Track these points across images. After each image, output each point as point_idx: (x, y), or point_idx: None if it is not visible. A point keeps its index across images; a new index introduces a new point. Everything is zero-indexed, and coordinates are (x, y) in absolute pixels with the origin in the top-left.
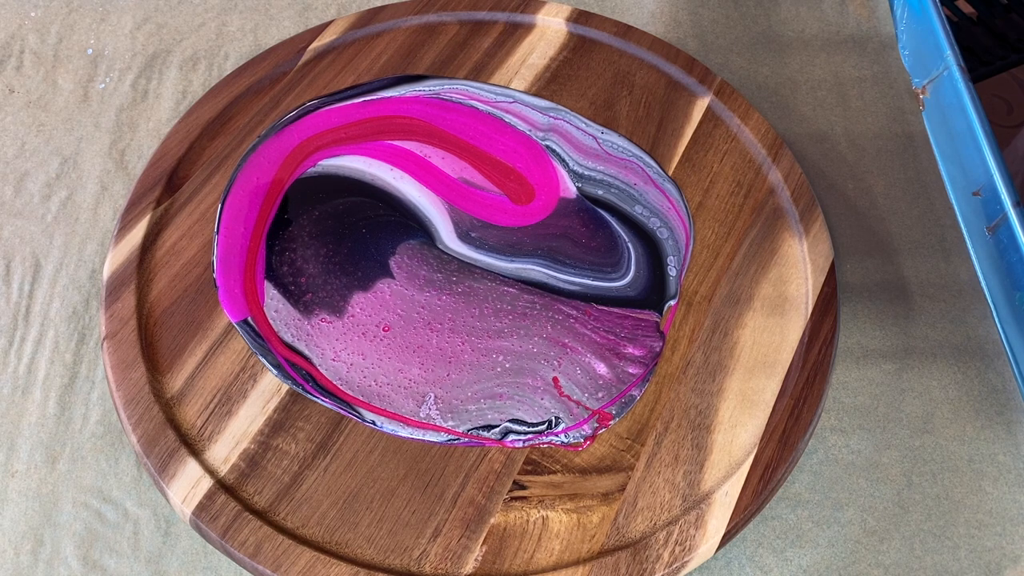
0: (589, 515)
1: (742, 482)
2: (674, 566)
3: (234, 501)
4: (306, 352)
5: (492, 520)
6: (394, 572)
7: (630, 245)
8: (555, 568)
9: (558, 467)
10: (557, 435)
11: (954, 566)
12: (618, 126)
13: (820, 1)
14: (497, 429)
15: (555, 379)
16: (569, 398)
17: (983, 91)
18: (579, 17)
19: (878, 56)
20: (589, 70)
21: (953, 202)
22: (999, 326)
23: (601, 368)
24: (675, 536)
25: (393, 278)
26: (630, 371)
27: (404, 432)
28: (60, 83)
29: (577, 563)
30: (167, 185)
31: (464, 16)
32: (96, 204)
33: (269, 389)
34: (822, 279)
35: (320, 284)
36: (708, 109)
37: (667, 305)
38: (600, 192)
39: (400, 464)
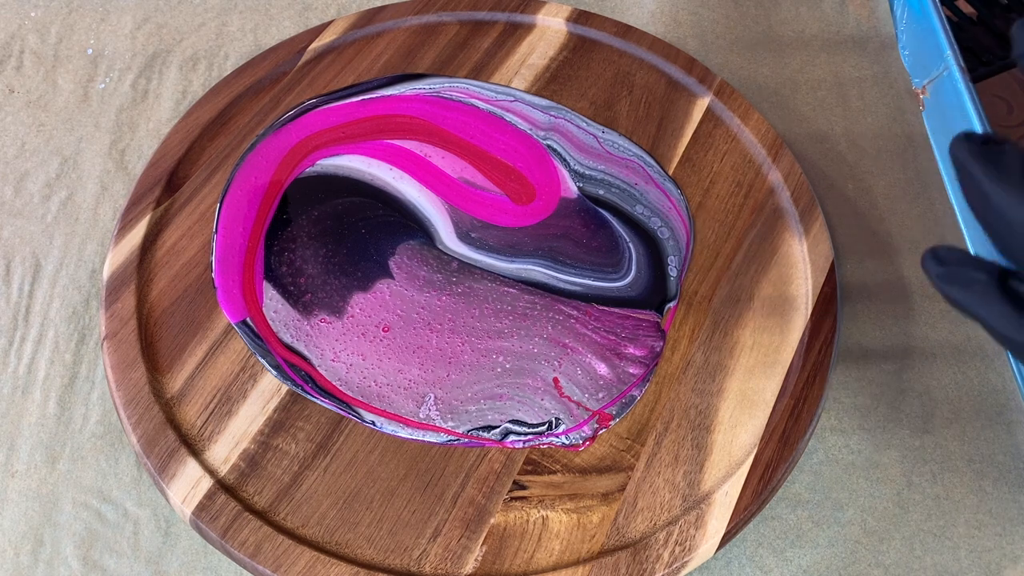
0: (589, 515)
1: (742, 482)
2: (674, 566)
3: (234, 501)
4: (305, 353)
5: (492, 520)
6: (394, 572)
7: (631, 245)
8: (555, 568)
9: (558, 467)
10: (557, 436)
11: (954, 566)
12: (618, 126)
13: (820, 1)
14: (497, 430)
15: (555, 380)
16: (569, 399)
17: (983, 91)
18: (579, 17)
19: (878, 56)
20: (589, 70)
21: (953, 202)
22: None
23: (602, 368)
24: (675, 536)
25: (393, 278)
26: (631, 371)
27: (404, 433)
28: (60, 83)
29: (577, 563)
30: (167, 185)
31: (464, 16)
32: (96, 204)
33: (269, 389)
34: (822, 279)
35: (319, 284)
36: (708, 109)
37: (667, 306)
38: (601, 192)
39: (400, 464)
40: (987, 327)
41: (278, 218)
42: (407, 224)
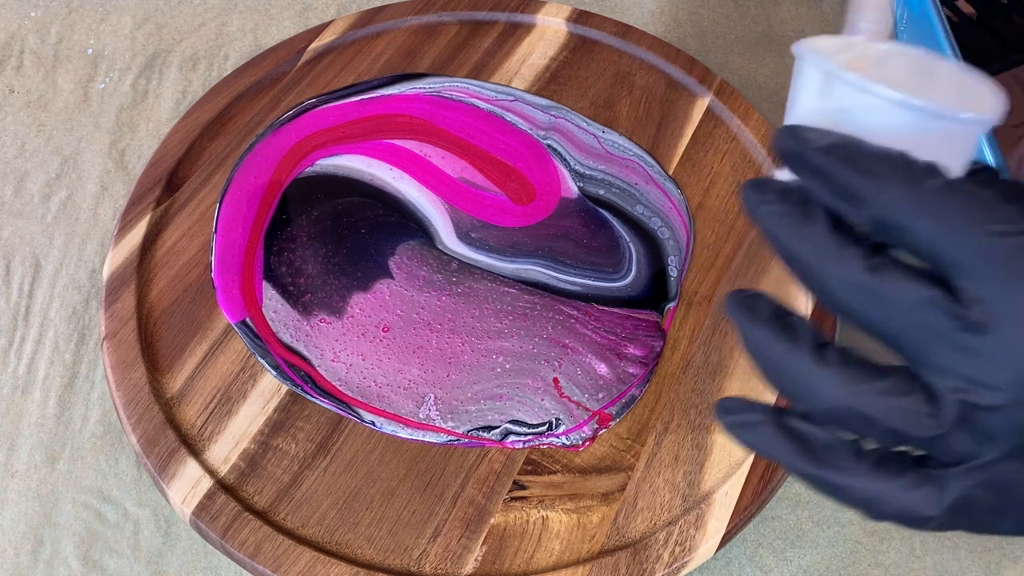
0: (589, 515)
1: (742, 482)
2: (674, 566)
3: (234, 501)
4: (305, 353)
5: (492, 520)
6: (394, 572)
7: (631, 245)
8: (555, 568)
9: (558, 467)
10: (557, 436)
11: (954, 566)
12: (618, 126)
13: (820, 1)
14: (497, 430)
15: (555, 380)
16: (569, 399)
17: None
18: (579, 17)
19: None
20: (589, 70)
21: None
22: None
23: (602, 368)
24: (675, 536)
25: (392, 278)
26: (631, 371)
27: (404, 433)
28: (60, 83)
29: (577, 563)
30: (167, 185)
31: (464, 16)
32: (96, 204)
33: (269, 389)
34: None
35: (319, 284)
36: (708, 109)
37: (667, 306)
38: (601, 192)
39: (400, 464)
40: (775, 460)
41: (278, 218)
42: (407, 224)
